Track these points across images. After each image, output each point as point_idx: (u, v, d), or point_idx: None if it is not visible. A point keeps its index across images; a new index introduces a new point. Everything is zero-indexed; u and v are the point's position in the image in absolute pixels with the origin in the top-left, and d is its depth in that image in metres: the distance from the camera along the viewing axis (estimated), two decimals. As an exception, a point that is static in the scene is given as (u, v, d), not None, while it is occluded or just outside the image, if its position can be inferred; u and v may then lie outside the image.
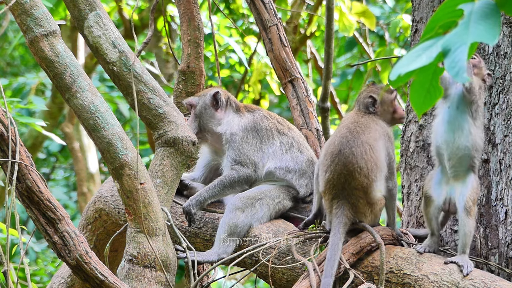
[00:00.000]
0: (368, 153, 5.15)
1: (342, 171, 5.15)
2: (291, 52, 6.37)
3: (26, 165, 5.01)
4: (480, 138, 5.16)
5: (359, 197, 5.16)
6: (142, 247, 5.19)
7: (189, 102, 5.90)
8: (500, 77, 5.38)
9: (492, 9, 2.84)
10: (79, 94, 5.18)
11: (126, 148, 5.19)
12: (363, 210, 5.19)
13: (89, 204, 6.02)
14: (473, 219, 5.10)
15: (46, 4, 6.52)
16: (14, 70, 17.63)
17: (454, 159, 5.13)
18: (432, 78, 2.90)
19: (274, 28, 6.33)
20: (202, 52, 6.27)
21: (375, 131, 5.27)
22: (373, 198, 5.18)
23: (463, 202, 5.08)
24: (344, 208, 5.16)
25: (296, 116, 6.21)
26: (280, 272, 5.37)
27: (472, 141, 5.12)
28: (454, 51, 2.77)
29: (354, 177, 5.14)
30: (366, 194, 5.16)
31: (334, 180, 5.17)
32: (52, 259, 12.88)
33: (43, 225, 5.01)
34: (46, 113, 12.71)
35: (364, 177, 5.13)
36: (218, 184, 5.65)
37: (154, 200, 5.23)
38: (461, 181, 5.14)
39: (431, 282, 5.04)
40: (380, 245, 5.10)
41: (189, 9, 6.26)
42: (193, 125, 5.82)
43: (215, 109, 5.86)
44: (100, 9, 5.45)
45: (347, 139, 5.19)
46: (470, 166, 5.14)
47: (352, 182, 5.14)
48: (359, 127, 5.25)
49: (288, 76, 6.29)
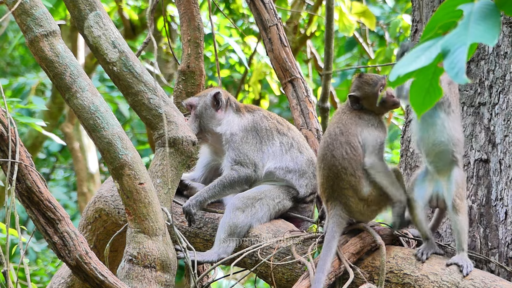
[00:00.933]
0: (349, 153, 5.17)
1: (329, 174, 5.22)
2: (291, 52, 6.36)
3: (26, 165, 5.01)
4: (457, 132, 5.12)
5: (350, 196, 5.18)
6: (142, 247, 5.19)
7: (189, 103, 5.90)
8: (500, 77, 5.38)
9: (491, 9, 2.84)
10: (79, 94, 5.18)
11: (126, 148, 5.19)
12: (357, 208, 5.19)
13: (89, 204, 6.02)
14: (463, 215, 5.08)
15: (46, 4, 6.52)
16: (14, 70, 17.64)
17: (432, 155, 5.12)
18: (432, 78, 2.90)
19: (274, 28, 6.33)
20: (202, 52, 6.27)
21: (356, 127, 5.25)
22: (365, 194, 5.19)
23: (450, 201, 5.09)
24: (337, 208, 5.20)
25: (296, 116, 6.21)
26: (280, 272, 5.38)
27: (448, 136, 5.09)
28: (453, 51, 2.77)
29: (341, 178, 5.17)
30: (357, 192, 5.17)
31: (324, 184, 5.24)
32: (52, 259, 12.88)
33: (43, 225, 5.01)
34: (46, 113, 12.71)
35: (351, 176, 5.16)
36: (218, 184, 5.65)
37: (154, 200, 5.23)
38: (446, 176, 5.13)
39: (431, 282, 5.05)
40: (381, 246, 5.10)
41: (189, 9, 6.26)
42: (193, 125, 5.81)
43: (215, 109, 5.86)
44: (100, 9, 5.45)
45: (327, 143, 5.26)
46: (451, 161, 5.11)
47: (340, 183, 5.18)
48: (339, 128, 5.26)
49: (288, 76, 6.29)
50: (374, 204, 5.22)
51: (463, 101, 5.50)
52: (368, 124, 5.27)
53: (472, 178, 5.42)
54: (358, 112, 5.31)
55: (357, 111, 5.31)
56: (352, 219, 5.25)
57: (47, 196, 5.02)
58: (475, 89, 5.47)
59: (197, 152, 5.96)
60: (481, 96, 5.44)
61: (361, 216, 5.23)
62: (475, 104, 5.47)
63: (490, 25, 2.79)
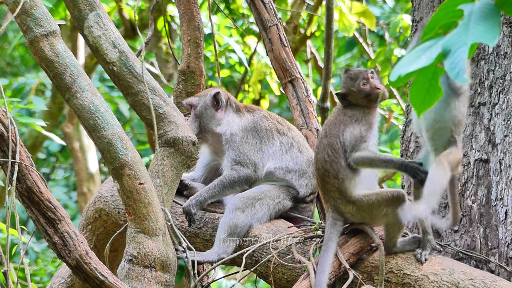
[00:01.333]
0: (331, 155, 5.19)
1: (317, 178, 5.28)
2: (291, 52, 6.36)
3: (26, 165, 5.01)
4: (461, 113, 5.02)
5: (337, 198, 5.20)
6: (142, 247, 5.19)
7: (189, 103, 5.90)
8: (500, 77, 5.38)
9: (492, 9, 2.84)
10: (79, 94, 5.18)
11: (126, 148, 5.19)
12: (345, 209, 5.19)
13: (89, 204, 6.02)
14: (445, 172, 4.90)
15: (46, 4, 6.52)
16: (14, 70, 17.64)
17: (431, 131, 5.02)
18: (432, 78, 2.90)
19: (274, 28, 6.33)
20: (202, 52, 6.27)
21: (339, 126, 5.24)
22: (351, 196, 5.16)
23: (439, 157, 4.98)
24: (330, 210, 5.24)
25: (296, 116, 6.21)
26: (280, 272, 5.38)
27: (451, 114, 5.00)
28: (454, 51, 2.77)
29: (326, 181, 5.20)
30: (342, 194, 5.17)
31: (319, 185, 5.30)
32: (52, 259, 12.88)
33: (43, 226, 5.01)
34: (46, 113, 12.71)
35: (334, 178, 5.17)
36: (218, 184, 5.65)
37: (154, 200, 5.23)
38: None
39: (431, 282, 5.05)
40: (379, 246, 5.11)
41: (189, 9, 6.26)
42: (194, 125, 5.82)
43: (215, 109, 5.86)
44: (100, 9, 5.45)
45: (316, 145, 5.33)
46: (449, 141, 5.02)
47: (326, 186, 5.22)
48: (325, 129, 5.30)
49: (288, 76, 6.29)
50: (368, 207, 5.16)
51: (463, 101, 5.51)
52: (351, 120, 5.23)
53: (472, 178, 5.42)
54: (346, 108, 5.29)
55: (346, 107, 5.30)
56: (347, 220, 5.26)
57: (47, 196, 5.02)
58: (475, 89, 5.47)
59: (197, 152, 5.96)
60: (481, 96, 5.44)
61: (353, 218, 5.21)
62: (475, 104, 5.47)
63: (491, 25, 2.79)
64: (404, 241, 5.21)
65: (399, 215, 4.98)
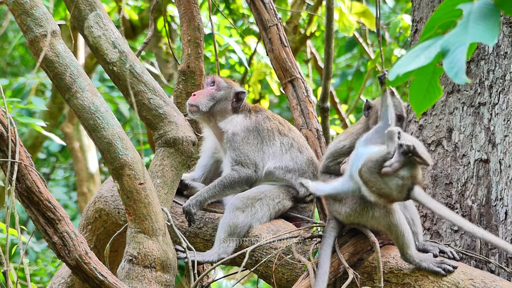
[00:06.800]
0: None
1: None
2: (291, 52, 6.36)
3: (26, 165, 5.01)
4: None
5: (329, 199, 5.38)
6: (142, 247, 5.19)
7: (218, 82, 5.88)
8: (500, 77, 5.38)
9: (491, 9, 2.84)
10: (79, 94, 5.18)
11: (126, 148, 5.19)
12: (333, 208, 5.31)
13: (89, 204, 6.02)
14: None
15: (46, 4, 6.52)
16: (14, 70, 17.64)
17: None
18: (431, 78, 2.90)
19: (274, 28, 6.32)
20: (202, 52, 6.26)
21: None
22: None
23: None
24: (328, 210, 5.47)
25: (296, 116, 6.21)
26: (280, 272, 5.38)
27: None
28: (453, 51, 2.77)
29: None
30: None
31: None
32: (52, 259, 12.87)
33: (43, 226, 5.01)
34: (46, 113, 12.71)
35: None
36: (218, 184, 5.65)
37: (154, 200, 5.23)
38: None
39: (431, 282, 5.05)
40: (374, 244, 5.09)
41: (189, 9, 6.25)
42: (208, 103, 5.79)
43: (231, 105, 5.85)
44: (100, 9, 5.45)
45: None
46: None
47: None
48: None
49: (288, 76, 6.29)
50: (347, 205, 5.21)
51: (463, 101, 5.51)
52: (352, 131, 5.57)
53: (472, 178, 5.42)
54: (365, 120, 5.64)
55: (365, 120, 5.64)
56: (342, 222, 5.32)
57: (47, 196, 5.02)
58: (475, 89, 5.47)
59: (197, 152, 5.96)
60: (481, 96, 5.44)
61: (340, 216, 5.25)
62: (475, 104, 5.47)
63: (490, 24, 2.79)
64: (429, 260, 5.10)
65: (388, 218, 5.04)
